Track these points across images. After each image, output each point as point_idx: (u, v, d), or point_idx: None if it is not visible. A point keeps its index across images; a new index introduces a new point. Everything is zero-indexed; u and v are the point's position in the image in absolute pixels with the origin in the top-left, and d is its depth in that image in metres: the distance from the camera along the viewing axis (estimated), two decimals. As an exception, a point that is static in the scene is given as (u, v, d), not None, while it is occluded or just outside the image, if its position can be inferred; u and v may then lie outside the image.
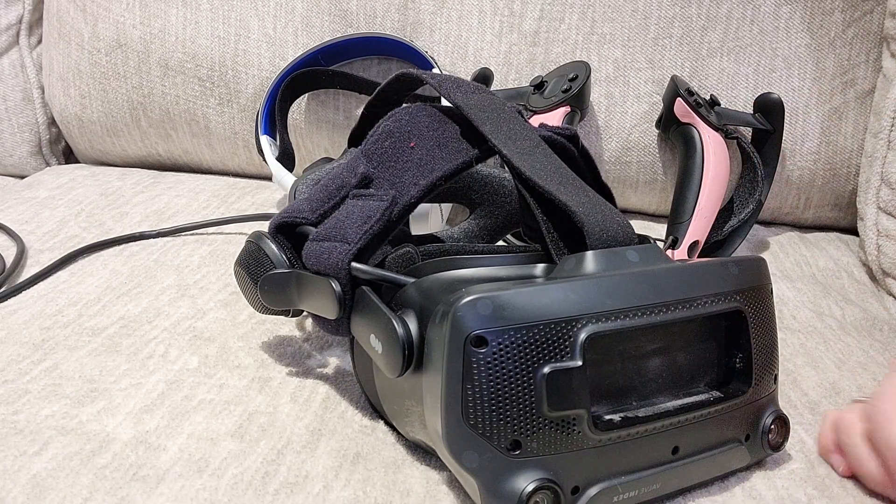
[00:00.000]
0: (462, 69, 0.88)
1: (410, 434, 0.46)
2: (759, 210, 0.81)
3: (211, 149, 0.97)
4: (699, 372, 0.46)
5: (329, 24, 0.89)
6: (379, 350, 0.43)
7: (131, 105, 0.96)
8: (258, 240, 0.52)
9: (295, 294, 0.50)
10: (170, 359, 0.56)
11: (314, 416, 0.51)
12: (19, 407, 0.50)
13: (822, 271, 0.79)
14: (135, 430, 0.48)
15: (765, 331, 0.46)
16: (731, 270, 0.45)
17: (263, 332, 0.61)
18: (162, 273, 0.69)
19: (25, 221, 0.80)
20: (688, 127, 0.79)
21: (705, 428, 0.44)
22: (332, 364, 0.57)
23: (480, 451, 0.39)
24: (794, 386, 0.57)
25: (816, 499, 0.45)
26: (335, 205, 0.50)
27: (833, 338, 0.65)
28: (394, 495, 0.44)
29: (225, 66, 0.92)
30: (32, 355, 0.56)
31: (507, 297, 0.39)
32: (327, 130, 0.92)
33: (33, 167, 1.03)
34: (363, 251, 0.47)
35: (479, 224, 0.69)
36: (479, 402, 0.38)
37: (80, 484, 0.44)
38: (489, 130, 0.48)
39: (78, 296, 0.65)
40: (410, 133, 0.50)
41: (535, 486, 0.39)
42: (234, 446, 0.47)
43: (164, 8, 0.92)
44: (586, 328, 0.40)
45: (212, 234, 0.78)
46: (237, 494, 0.44)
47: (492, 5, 0.87)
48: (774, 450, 0.47)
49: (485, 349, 0.38)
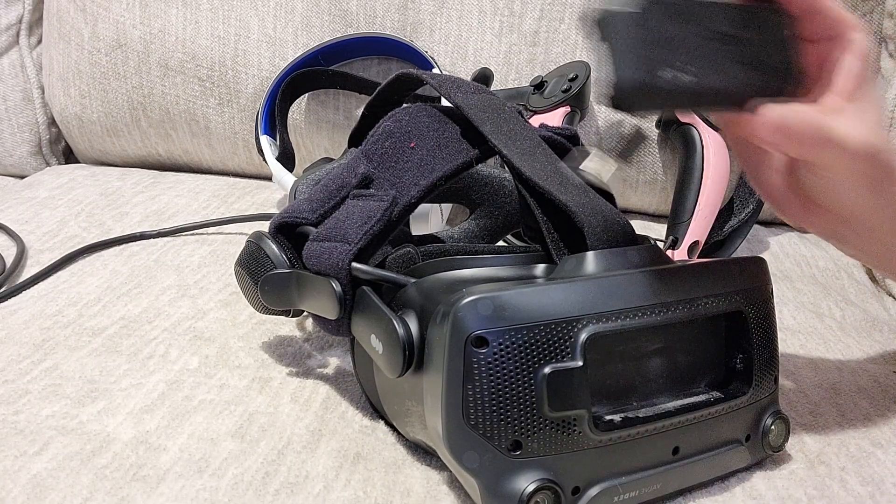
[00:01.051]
0: (462, 69, 0.88)
1: (411, 434, 0.46)
2: (759, 210, 0.81)
3: (211, 149, 0.97)
4: (700, 372, 0.46)
5: (329, 24, 0.89)
6: (379, 350, 0.43)
7: (131, 105, 0.96)
8: (258, 240, 0.52)
9: (295, 294, 0.50)
10: (170, 359, 0.56)
11: (314, 417, 0.51)
12: (20, 407, 0.50)
13: (823, 272, 0.79)
14: (135, 431, 0.48)
15: (765, 331, 0.46)
16: (732, 271, 0.45)
17: (264, 332, 0.61)
18: (162, 273, 0.69)
19: (25, 221, 0.80)
20: (688, 127, 0.79)
21: (706, 428, 0.44)
22: (332, 364, 0.57)
23: (481, 452, 0.39)
24: (794, 386, 0.57)
25: (816, 499, 0.45)
26: (335, 205, 0.50)
27: (833, 338, 0.65)
28: (394, 495, 0.44)
29: (225, 66, 0.92)
30: (33, 355, 0.56)
31: (508, 297, 0.39)
32: (327, 130, 0.92)
33: (33, 167, 1.03)
34: (363, 251, 0.47)
35: (479, 224, 0.69)
36: (479, 402, 0.38)
37: (81, 484, 0.44)
38: (489, 131, 0.48)
39: (78, 296, 0.65)
40: (411, 133, 0.50)
41: (536, 486, 0.39)
42: (234, 446, 0.47)
43: (164, 8, 0.92)
44: (587, 328, 0.40)
45: (212, 234, 0.78)
46: (237, 495, 0.44)
47: (492, 5, 0.87)
48: (775, 450, 0.47)
49: (485, 349, 0.38)
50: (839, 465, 0.48)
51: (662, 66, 0.41)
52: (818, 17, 0.44)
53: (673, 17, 0.41)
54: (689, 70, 0.41)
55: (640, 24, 0.40)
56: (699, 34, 0.42)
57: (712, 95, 0.43)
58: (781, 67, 0.44)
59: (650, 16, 0.40)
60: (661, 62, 0.41)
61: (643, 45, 0.40)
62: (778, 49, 0.44)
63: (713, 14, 0.42)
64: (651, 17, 0.40)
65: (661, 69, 0.41)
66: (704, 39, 0.42)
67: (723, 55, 0.43)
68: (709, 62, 0.42)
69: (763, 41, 0.44)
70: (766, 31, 0.44)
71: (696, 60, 0.42)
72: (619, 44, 0.40)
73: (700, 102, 0.44)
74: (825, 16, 0.43)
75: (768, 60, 0.44)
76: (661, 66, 0.41)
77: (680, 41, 0.41)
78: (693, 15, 0.42)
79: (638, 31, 0.40)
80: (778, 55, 0.44)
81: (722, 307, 0.44)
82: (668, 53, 0.41)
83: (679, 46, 0.41)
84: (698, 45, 0.42)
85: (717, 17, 0.42)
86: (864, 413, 0.54)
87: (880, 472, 0.48)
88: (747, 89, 0.43)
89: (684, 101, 0.43)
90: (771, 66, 0.44)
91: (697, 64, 0.42)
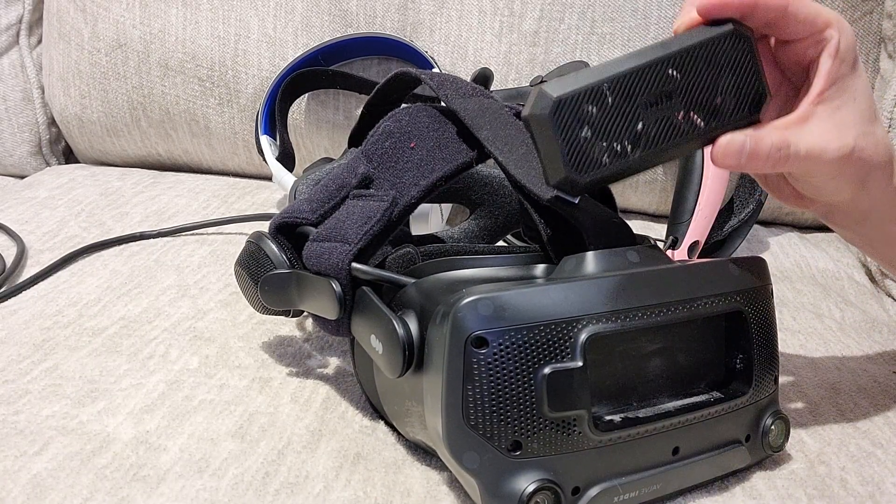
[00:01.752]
0: (462, 69, 0.88)
1: (411, 434, 0.46)
2: (759, 210, 0.81)
3: (211, 149, 0.97)
4: (699, 372, 0.46)
5: (329, 24, 0.89)
6: (379, 350, 0.43)
7: (131, 105, 0.96)
8: (258, 240, 0.52)
9: (295, 294, 0.50)
10: (170, 359, 0.56)
11: (314, 417, 0.51)
12: (20, 407, 0.50)
13: (822, 272, 0.79)
14: (135, 431, 0.48)
15: (765, 331, 0.46)
16: (732, 271, 0.45)
17: (264, 332, 0.61)
18: (162, 273, 0.69)
19: (25, 221, 0.80)
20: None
21: (706, 428, 0.44)
22: (332, 364, 0.57)
23: (481, 452, 0.39)
24: (794, 386, 0.57)
25: (816, 499, 0.45)
26: (335, 205, 0.50)
27: (833, 339, 0.65)
28: (394, 495, 0.44)
29: (225, 66, 0.92)
30: (33, 355, 0.56)
31: (508, 297, 0.39)
32: (327, 130, 0.92)
33: (33, 167, 1.03)
34: (363, 251, 0.47)
35: (479, 224, 0.69)
36: (479, 402, 0.38)
37: (81, 484, 0.44)
38: (485, 136, 0.48)
39: (78, 296, 0.65)
40: (410, 133, 0.50)
41: (536, 486, 0.39)
42: (234, 446, 0.47)
43: (164, 8, 0.92)
44: (587, 329, 0.40)
45: (212, 235, 0.78)
46: (237, 495, 0.44)
47: (492, 5, 0.87)
48: (775, 450, 0.47)
49: (485, 350, 0.38)
50: (839, 465, 0.48)
51: (599, 150, 0.41)
52: (790, 20, 0.43)
53: (594, 103, 0.40)
54: (627, 146, 0.41)
55: (560, 123, 0.40)
56: (632, 105, 0.41)
57: (662, 154, 0.42)
58: (737, 94, 0.43)
59: (565, 112, 0.40)
60: (595, 147, 0.40)
61: (567, 141, 0.40)
62: (731, 79, 0.43)
63: (641, 81, 0.41)
64: (566, 112, 0.40)
65: (598, 153, 0.41)
66: (642, 105, 0.41)
67: (664, 114, 0.42)
68: (650, 126, 0.41)
69: (710, 78, 0.42)
70: (711, 67, 0.42)
71: (633, 131, 0.41)
72: (548, 145, 0.40)
73: (653, 164, 0.43)
74: (795, 17, 0.42)
75: (718, 96, 0.42)
76: (597, 150, 0.41)
77: (610, 121, 0.41)
78: (618, 92, 0.41)
79: (561, 128, 0.40)
80: (731, 86, 0.43)
81: (722, 307, 0.44)
82: (603, 136, 0.41)
83: (611, 126, 0.41)
84: (633, 115, 0.41)
85: (646, 83, 0.41)
86: (863, 413, 0.54)
87: (880, 471, 0.48)
88: (700, 135, 0.42)
89: (635, 169, 0.42)
90: (724, 100, 0.43)
91: (638, 134, 0.41)
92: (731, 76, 0.43)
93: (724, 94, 0.43)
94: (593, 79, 0.40)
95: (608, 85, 0.41)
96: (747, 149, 0.42)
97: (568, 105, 0.40)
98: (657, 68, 0.41)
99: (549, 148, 0.41)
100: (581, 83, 0.40)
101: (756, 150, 0.42)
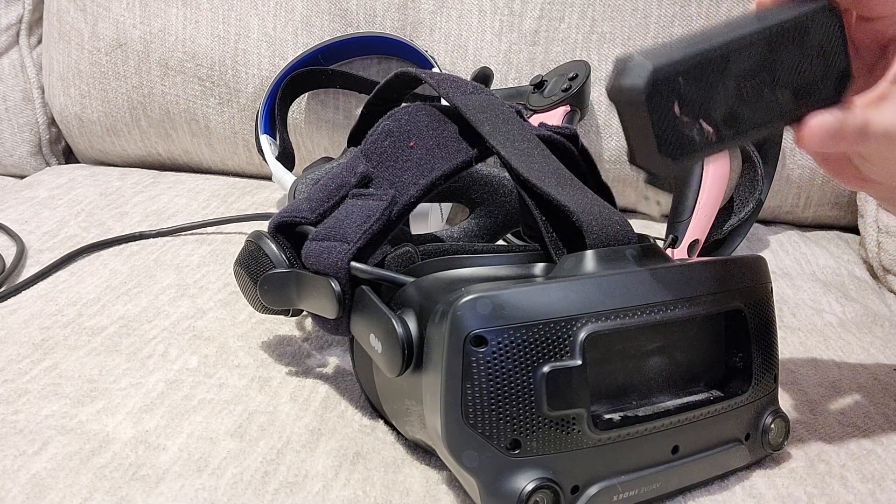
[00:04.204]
0: (462, 69, 0.88)
1: (410, 433, 0.46)
2: (759, 209, 0.81)
3: (211, 148, 0.97)
4: (699, 371, 0.46)
5: (329, 24, 0.89)
6: (378, 349, 0.43)
7: (131, 105, 0.96)
8: (258, 239, 0.52)
9: (294, 294, 0.50)
10: (169, 358, 0.56)
11: (314, 416, 0.51)
12: (19, 406, 0.50)
13: (823, 269, 0.79)
14: (134, 430, 0.48)
15: (765, 330, 0.46)
16: (731, 269, 0.45)
17: (263, 331, 0.61)
18: (162, 273, 0.69)
19: (25, 221, 0.80)
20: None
21: (705, 427, 0.44)
22: (331, 364, 0.57)
23: (480, 451, 0.39)
24: (793, 385, 0.57)
25: (816, 497, 0.45)
26: (335, 204, 0.50)
27: (833, 336, 0.65)
28: (393, 495, 0.44)
29: (225, 66, 0.92)
30: (32, 355, 0.56)
31: (507, 296, 0.39)
32: (327, 130, 0.92)
33: (33, 167, 1.03)
34: (363, 251, 0.47)
35: (478, 223, 0.69)
36: (478, 401, 0.38)
37: (80, 483, 0.44)
38: (487, 131, 0.48)
39: (78, 295, 0.65)
40: (410, 132, 0.50)
41: (535, 485, 0.39)
42: (233, 446, 0.47)
43: (164, 8, 0.92)
44: (586, 327, 0.40)
45: (212, 234, 0.78)
46: (237, 494, 0.44)
47: (492, 5, 0.87)
48: (774, 449, 0.47)
49: (484, 348, 0.38)
50: (839, 464, 0.48)
51: (690, 128, 0.38)
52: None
53: (689, 79, 0.38)
54: (719, 123, 0.39)
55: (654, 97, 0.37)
56: (724, 81, 0.39)
57: (751, 133, 0.41)
58: (823, 75, 0.42)
59: (660, 84, 0.37)
60: (687, 125, 0.38)
61: (661, 117, 0.37)
62: (819, 57, 0.41)
63: (734, 57, 0.39)
64: (661, 85, 0.37)
65: (689, 130, 0.38)
66: (733, 82, 0.39)
67: (754, 91, 0.40)
68: (740, 104, 0.40)
69: (799, 56, 0.41)
70: (801, 44, 0.41)
71: (725, 109, 0.39)
72: (637, 120, 0.38)
73: (740, 143, 0.41)
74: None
75: (805, 74, 0.41)
76: (688, 128, 0.38)
77: (703, 98, 0.39)
78: (711, 67, 0.39)
79: (655, 102, 0.37)
80: (818, 64, 0.41)
81: (721, 306, 0.44)
82: (694, 113, 0.38)
83: (703, 102, 0.39)
84: (726, 92, 0.39)
85: (738, 59, 0.39)
86: (864, 411, 0.54)
87: (880, 469, 0.48)
88: (786, 113, 0.41)
89: (723, 148, 0.40)
90: (811, 78, 0.41)
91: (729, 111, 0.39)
92: (821, 53, 0.41)
93: (812, 72, 0.41)
94: (688, 50, 0.38)
95: (703, 58, 0.38)
96: (831, 127, 0.41)
97: (663, 77, 0.37)
98: (752, 42, 0.39)
99: (638, 123, 0.37)
100: (676, 54, 0.37)
101: (842, 130, 0.41)
